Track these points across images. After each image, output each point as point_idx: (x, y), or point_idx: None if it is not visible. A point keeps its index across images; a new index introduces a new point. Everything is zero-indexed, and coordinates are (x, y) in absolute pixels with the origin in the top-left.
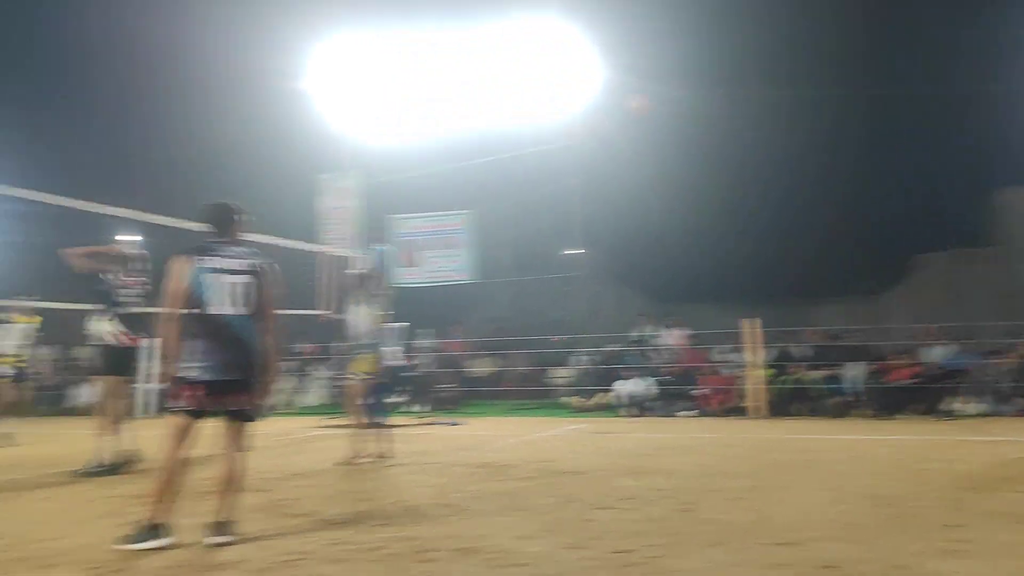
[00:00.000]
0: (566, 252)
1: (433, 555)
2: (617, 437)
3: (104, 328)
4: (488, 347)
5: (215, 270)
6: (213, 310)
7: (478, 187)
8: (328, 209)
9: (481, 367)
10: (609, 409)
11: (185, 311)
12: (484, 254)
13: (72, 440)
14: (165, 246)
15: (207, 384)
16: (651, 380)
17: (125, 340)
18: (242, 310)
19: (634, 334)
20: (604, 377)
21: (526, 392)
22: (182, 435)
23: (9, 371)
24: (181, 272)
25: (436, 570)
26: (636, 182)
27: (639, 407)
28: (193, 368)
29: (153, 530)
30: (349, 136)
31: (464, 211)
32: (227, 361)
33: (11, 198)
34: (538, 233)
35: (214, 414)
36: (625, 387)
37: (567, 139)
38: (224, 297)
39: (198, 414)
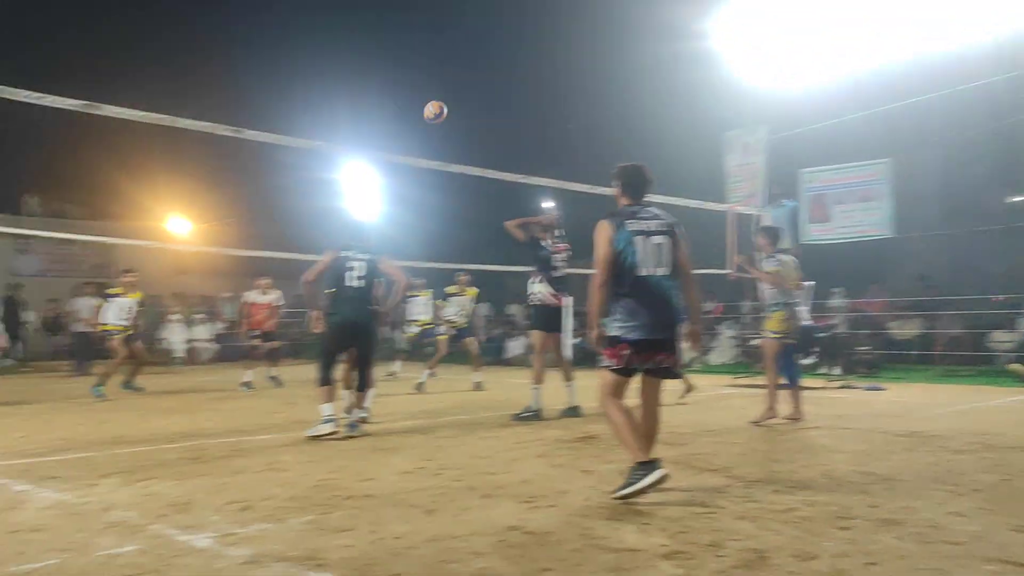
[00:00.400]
0: (1011, 199)
1: (852, 523)
2: None
3: (539, 289)
4: (914, 307)
5: (638, 232)
6: (641, 272)
7: (897, 133)
8: (735, 166)
9: (905, 329)
10: None
11: (613, 274)
12: (905, 206)
13: (510, 387)
14: (580, 213)
15: (637, 343)
16: None
17: (554, 300)
18: (664, 270)
19: None
20: None
21: (959, 357)
22: (615, 391)
23: (450, 331)
24: (608, 237)
25: (856, 538)
26: None
27: None
28: (624, 328)
29: (642, 468)
30: (755, 90)
31: (882, 160)
32: (654, 320)
33: (453, 175)
34: (972, 179)
35: (641, 371)
36: None
37: (1012, 67)
38: (648, 258)
39: (628, 372)
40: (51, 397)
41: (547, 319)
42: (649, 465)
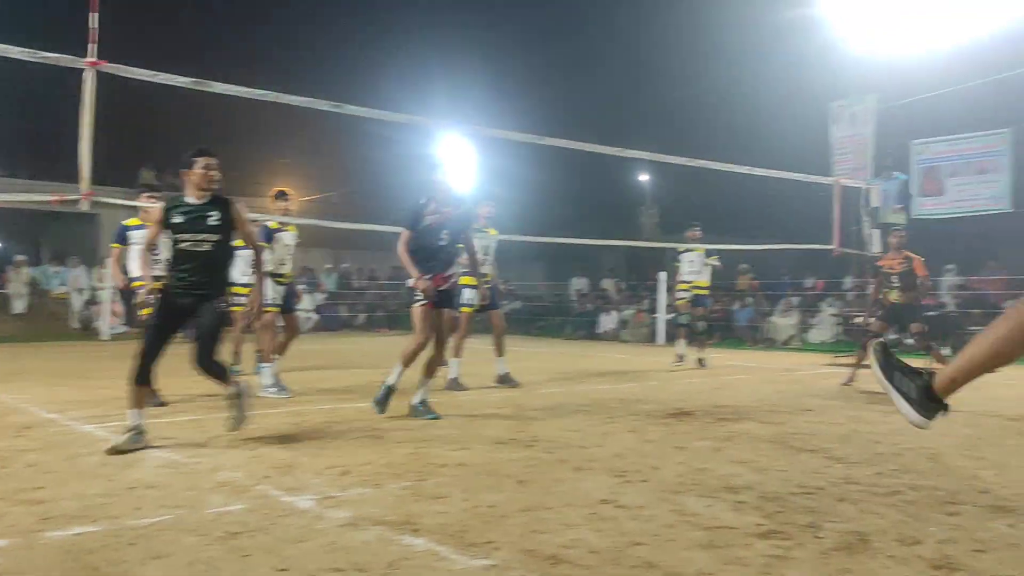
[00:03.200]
0: None
1: (960, 508)
2: None
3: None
4: None
5: None
6: None
7: (1018, 101)
8: (841, 138)
9: None
10: None
11: None
12: None
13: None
14: (679, 186)
15: None
16: None
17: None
18: None
19: None
20: None
21: None
22: None
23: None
24: None
25: (964, 524)
26: None
27: None
28: None
29: None
30: (862, 57)
31: (1002, 130)
32: None
33: (548, 148)
34: None
35: None
36: None
37: None
38: None
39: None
40: (164, 362)
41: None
42: None
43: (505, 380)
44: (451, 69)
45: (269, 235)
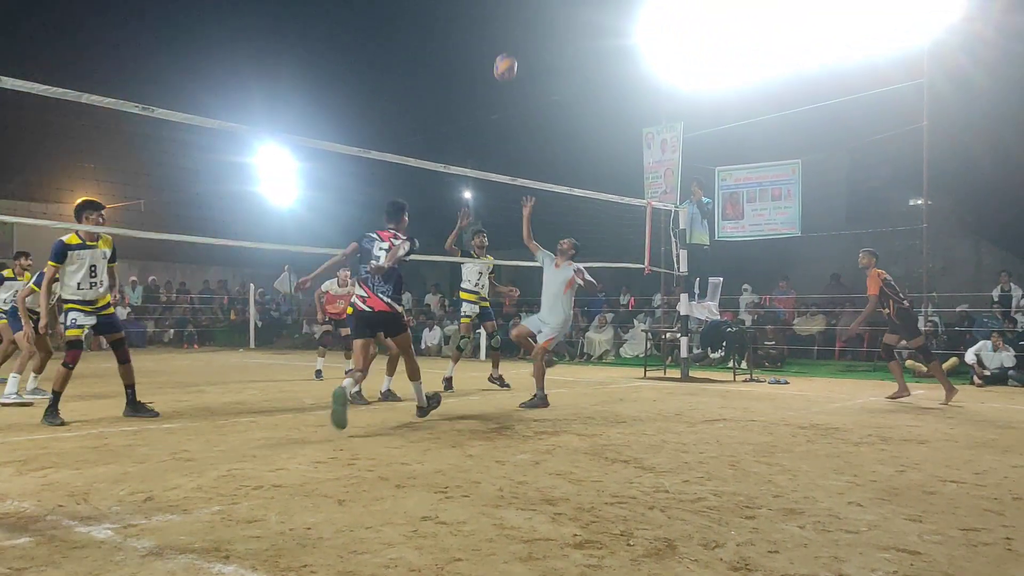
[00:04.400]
0: (911, 203)
1: (757, 512)
2: (967, 407)
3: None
4: (818, 304)
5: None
6: None
7: (807, 135)
8: (652, 162)
9: (809, 325)
10: (958, 376)
11: None
12: (814, 206)
13: None
14: (497, 203)
15: None
16: (1011, 347)
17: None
18: None
19: (995, 294)
20: (954, 340)
21: (860, 353)
22: None
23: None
24: None
25: (761, 527)
26: (994, 122)
27: (997, 376)
28: None
29: None
30: (673, 88)
31: (793, 161)
32: None
33: (373, 161)
34: (876, 183)
35: None
36: (980, 352)
37: (911, 77)
38: None
39: None
40: None
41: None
42: None
43: (388, 396)
44: (270, 77)
45: (62, 252)
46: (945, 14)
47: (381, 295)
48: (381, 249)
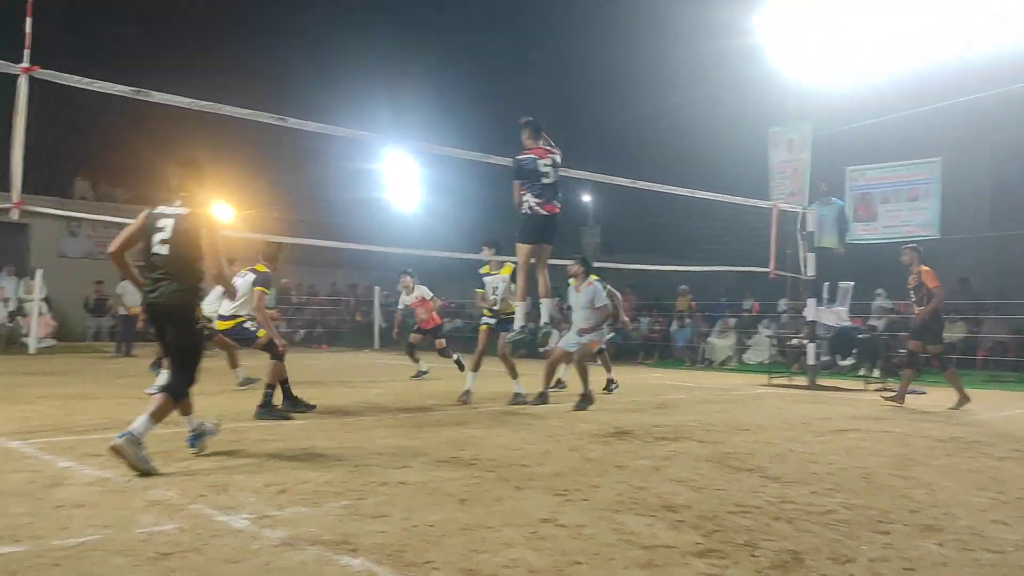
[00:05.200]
0: None
1: (891, 527)
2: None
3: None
4: (958, 311)
5: None
6: None
7: (946, 131)
8: (779, 163)
9: (949, 332)
10: None
11: None
12: (954, 207)
13: None
14: (619, 206)
15: None
16: None
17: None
18: None
19: None
20: None
21: (1006, 363)
22: None
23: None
24: None
25: (895, 543)
26: None
27: None
28: None
29: None
30: (800, 86)
31: (932, 159)
32: None
33: (493, 165)
34: (1022, 180)
35: None
36: None
37: None
38: None
39: None
40: (95, 378)
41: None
42: None
43: (518, 400)
44: (397, 86)
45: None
46: None
47: (556, 203)
48: (547, 166)
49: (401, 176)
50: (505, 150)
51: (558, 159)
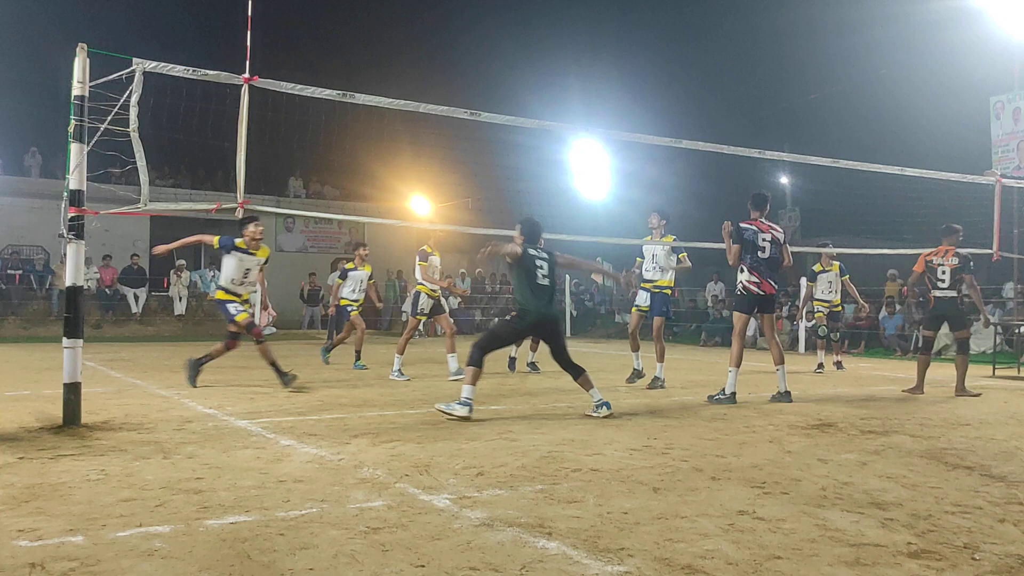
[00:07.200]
0: None
1: None
2: None
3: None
4: None
5: None
6: None
7: None
8: (1003, 135)
9: None
10: None
11: None
12: None
13: None
14: (819, 187)
15: None
16: None
17: (754, 287)
18: None
19: None
20: None
21: None
22: None
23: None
24: None
25: None
26: None
27: None
28: None
29: None
30: None
31: None
32: None
33: (684, 151)
34: None
35: None
36: None
37: None
38: None
39: None
40: (310, 364)
41: (748, 303)
42: None
43: (655, 384)
44: (586, 75)
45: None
46: None
47: (771, 281)
48: (765, 240)
49: (590, 165)
50: (696, 133)
51: (780, 237)
